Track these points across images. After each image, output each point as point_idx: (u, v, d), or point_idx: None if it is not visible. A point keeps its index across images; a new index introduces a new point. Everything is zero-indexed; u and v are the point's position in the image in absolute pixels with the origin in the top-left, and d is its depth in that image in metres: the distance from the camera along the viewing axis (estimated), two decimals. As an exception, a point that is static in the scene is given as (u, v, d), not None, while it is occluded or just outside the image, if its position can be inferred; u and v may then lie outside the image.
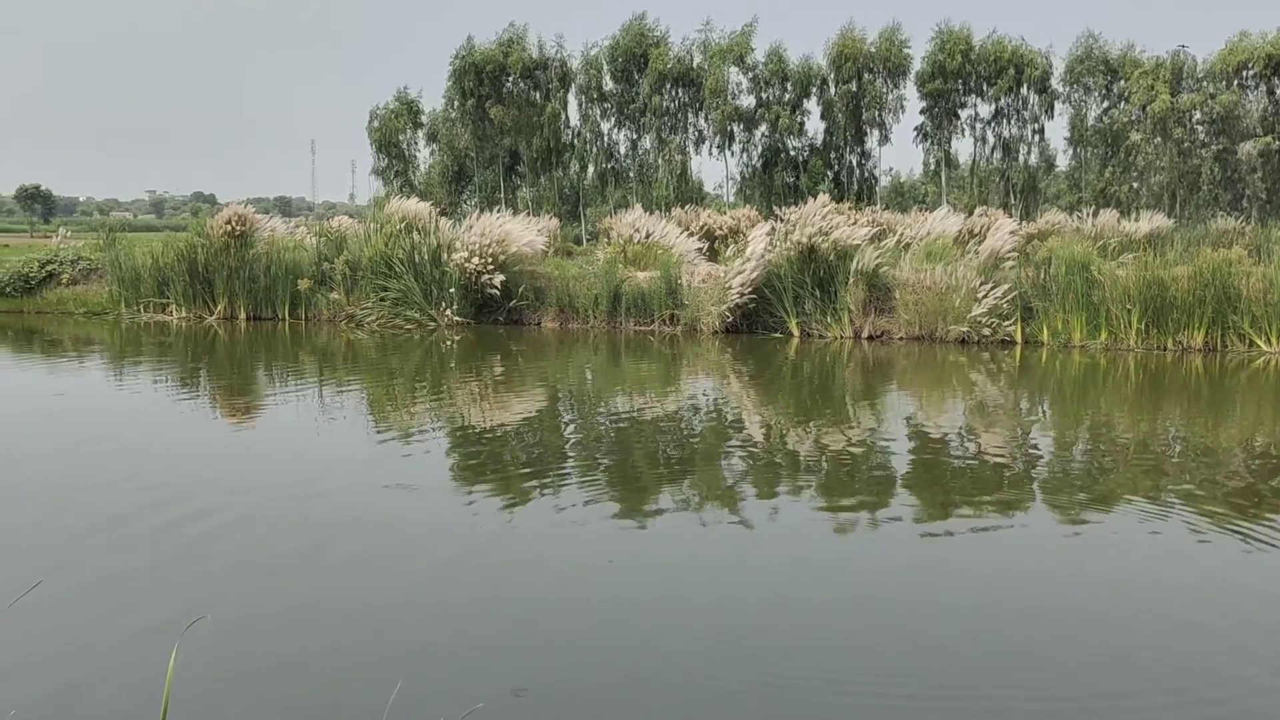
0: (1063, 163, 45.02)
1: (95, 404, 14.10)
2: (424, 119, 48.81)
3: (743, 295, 21.18)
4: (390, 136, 47.78)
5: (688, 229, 26.41)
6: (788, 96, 43.39)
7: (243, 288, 24.36)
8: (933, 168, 45.03)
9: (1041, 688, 5.34)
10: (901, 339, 20.62)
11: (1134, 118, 40.60)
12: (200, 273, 24.51)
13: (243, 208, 25.27)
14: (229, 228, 24.54)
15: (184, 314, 24.52)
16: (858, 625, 6.16)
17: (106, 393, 15.13)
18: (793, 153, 44.12)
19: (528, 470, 10.00)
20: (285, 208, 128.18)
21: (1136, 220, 29.17)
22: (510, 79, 44.89)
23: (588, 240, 40.20)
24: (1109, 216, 28.41)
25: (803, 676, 5.41)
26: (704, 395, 15.45)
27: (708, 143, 44.59)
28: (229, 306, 24.49)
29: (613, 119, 45.51)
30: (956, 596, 6.66)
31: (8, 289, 26.60)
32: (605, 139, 45.84)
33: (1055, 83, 42.09)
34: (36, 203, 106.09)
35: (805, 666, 5.53)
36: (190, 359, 18.57)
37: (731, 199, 44.82)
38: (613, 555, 7.43)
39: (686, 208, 31.75)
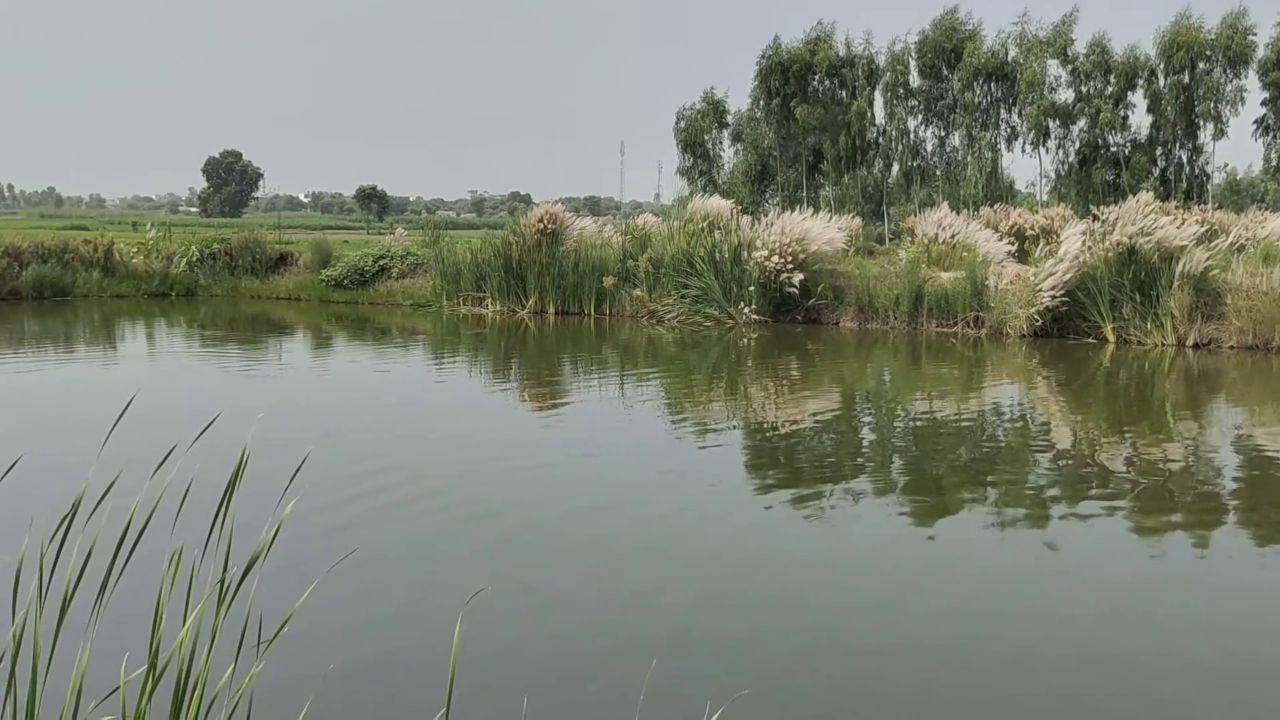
0: None
1: (413, 388, 15.14)
2: (729, 119, 49.42)
3: (1054, 298, 20.16)
4: (696, 136, 48.70)
5: (996, 228, 25.47)
6: (1110, 89, 41.12)
7: (552, 283, 25.44)
8: (1274, 164, 41.37)
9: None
10: (1232, 348, 19.02)
11: None
12: (514, 269, 25.82)
13: (554, 207, 26.40)
14: (541, 226, 25.70)
15: (498, 307, 25.88)
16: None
17: (426, 378, 16.20)
18: (1114, 149, 41.75)
19: (813, 469, 9.93)
20: (594, 207, 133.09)
21: None
22: (816, 77, 44.76)
23: (890, 239, 39.49)
24: None
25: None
26: (1006, 402, 14.83)
27: (1021, 139, 42.94)
28: (539, 301, 25.63)
29: (920, 116, 44.55)
30: None
31: (345, 281, 28.98)
32: (911, 136, 44.94)
33: None
34: (373, 202, 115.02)
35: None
36: (503, 350, 19.61)
37: (1044, 197, 42.87)
38: (886, 559, 7.27)
39: (995, 206, 30.55)
